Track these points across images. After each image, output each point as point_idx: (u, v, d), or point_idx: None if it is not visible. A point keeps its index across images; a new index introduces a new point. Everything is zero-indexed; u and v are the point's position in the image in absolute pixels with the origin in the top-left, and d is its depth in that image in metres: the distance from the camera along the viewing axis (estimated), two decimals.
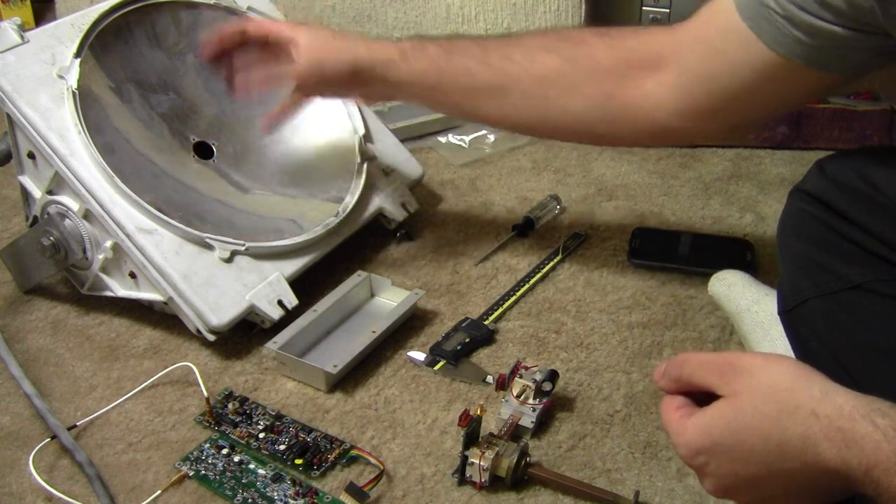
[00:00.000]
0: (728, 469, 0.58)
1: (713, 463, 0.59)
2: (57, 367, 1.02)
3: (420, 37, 1.03)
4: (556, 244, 1.22)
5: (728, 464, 0.58)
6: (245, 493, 0.84)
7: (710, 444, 0.58)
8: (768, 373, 0.57)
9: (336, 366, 0.95)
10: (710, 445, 0.58)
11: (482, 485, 0.83)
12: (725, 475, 0.58)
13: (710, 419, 0.59)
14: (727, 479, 0.59)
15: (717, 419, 0.58)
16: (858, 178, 0.78)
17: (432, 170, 1.41)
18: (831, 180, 0.80)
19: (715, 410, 0.59)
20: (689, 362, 0.62)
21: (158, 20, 1.13)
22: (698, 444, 0.59)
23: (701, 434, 0.59)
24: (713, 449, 0.58)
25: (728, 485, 0.59)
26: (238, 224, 1.07)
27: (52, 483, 0.84)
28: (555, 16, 1.60)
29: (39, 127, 1.00)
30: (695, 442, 0.59)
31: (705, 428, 0.59)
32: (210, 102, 1.17)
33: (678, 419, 0.61)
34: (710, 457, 0.58)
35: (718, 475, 0.59)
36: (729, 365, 0.60)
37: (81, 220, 1.02)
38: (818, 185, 0.81)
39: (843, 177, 0.79)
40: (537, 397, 0.90)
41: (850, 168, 0.79)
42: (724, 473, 0.58)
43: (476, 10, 1.61)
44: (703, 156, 1.45)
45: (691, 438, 0.59)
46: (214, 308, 0.99)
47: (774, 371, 0.57)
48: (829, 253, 0.78)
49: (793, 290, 0.82)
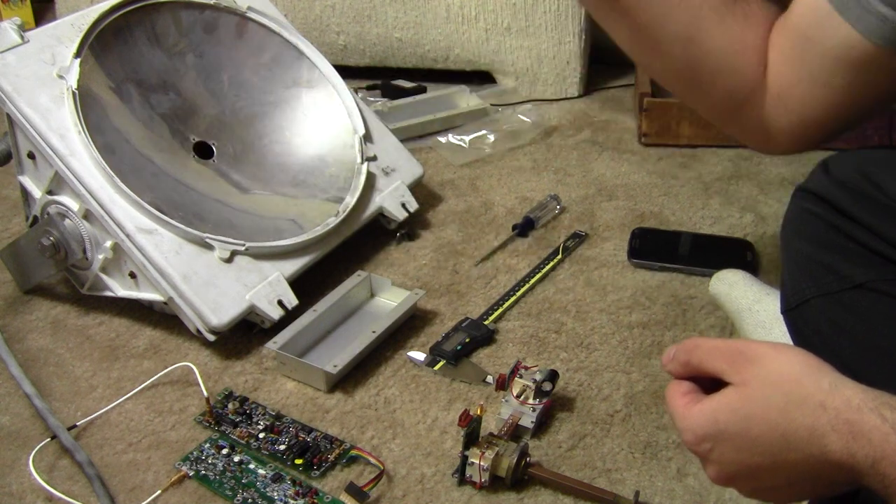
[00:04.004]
0: (732, 457, 0.58)
1: (717, 450, 0.58)
2: (57, 367, 1.02)
3: None
4: (556, 244, 1.22)
5: (732, 452, 0.57)
6: (245, 493, 0.84)
7: (716, 431, 0.58)
8: (778, 362, 0.57)
9: (336, 366, 0.95)
10: (715, 432, 0.58)
11: (482, 485, 0.83)
12: (729, 463, 0.58)
13: (717, 406, 0.58)
14: (730, 468, 0.58)
15: (724, 406, 0.58)
16: (862, 178, 0.78)
17: (432, 170, 1.41)
18: (835, 180, 0.80)
19: (722, 397, 0.58)
20: (700, 348, 0.61)
21: (158, 20, 1.13)
22: (703, 430, 0.58)
23: (707, 420, 0.58)
24: (718, 436, 0.58)
25: (731, 473, 0.59)
26: (238, 224, 1.07)
27: (52, 483, 0.84)
28: (555, 16, 1.60)
29: (39, 127, 1.00)
30: (700, 428, 0.58)
31: (711, 414, 0.58)
32: (210, 102, 1.17)
33: (684, 405, 0.60)
34: (714, 444, 0.58)
35: (722, 463, 0.58)
36: (739, 353, 0.59)
37: (81, 220, 1.02)
38: (822, 185, 0.81)
39: (846, 176, 0.79)
40: (537, 397, 0.90)
41: (854, 167, 0.79)
42: (728, 461, 0.58)
43: (476, 10, 1.61)
44: (704, 156, 1.45)
45: (696, 424, 0.59)
46: (214, 308, 0.99)
47: (784, 361, 0.57)
48: (832, 252, 0.78)
49: (795, 289, 0.82)
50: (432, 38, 1.66)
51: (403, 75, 1.69)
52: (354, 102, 1.23)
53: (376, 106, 1.52)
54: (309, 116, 1.22)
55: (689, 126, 1.47)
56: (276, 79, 1.22)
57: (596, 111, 1.63)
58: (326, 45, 1.68)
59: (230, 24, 1.20)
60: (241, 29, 1.21)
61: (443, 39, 1.66)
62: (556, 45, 1.63)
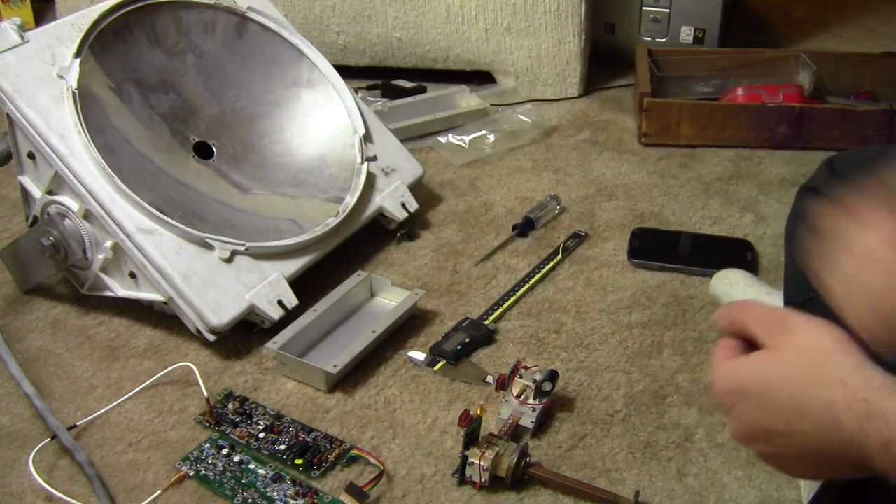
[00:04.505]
0: (751, 417, 0.60)
1: (739, 407, 0.60)
2: (57, 367, 1.02)
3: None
4: (556, 244, 1.22)
5: (752, 412, 0.59)
6: (245, 493, 0.84)
7: (739, 388, 0.60)
8: (812, 335, 0.59)
9: (336, 366, 0.95)
10: (738, 389, 0.60)
11: (482, 485, 0.83)
12: (747, 423, 0.60)
13: (745, 365, 0.60)
14: (747, 427, 0.60)
15: (751, 367, 0.60)
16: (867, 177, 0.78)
17: (432, 170, 1.41)
18: (840, 178, 0.80)
19: (752, 358, 0.60)
20: (746, 310, 0.64)
21: (158, 20, 1.13)
22: (728, 385, 0.61)
23: (733, 376, 0.61)
24: (741, 393, 0.60)
25: (748, 434, 0.61)
26: (238, 224, 1.07)
27: (52, 483, 0.84)
28: (555, 16, 1.60)
29: (39, 127, 1.00)
30: (726, 381, 0.61)
31: (738, 371, 0.60)
32: (210, 102, 1.17)
33: (721, 359, 0.63)
34: (737, 400, 0.60)
35: (741, 421, 0.61)
36: (778, 319, 0.61)
37: (81, 220, 1.02)
38: (826, 183, 0.81)
39: (851, 175, 0.79)
40: (537, 397, 0.90)
41: (859, 165, 0.79)
42: (747, 421, 0.60)
43: (476, 10, 1.61)
44: (704, 156, 1.45)
45: (723, 377, 0.61)
46: (214, 308, 0.99)
47: (817, 334, 0.58)
48: None
49: (799, 287, 0.82)
50: (432, 38, 1.66)
51: (403, 75, 1.69)
52: (354, 102, 1.23)
53: (376, 106, 1.52)
54: (309, 116, 1.22)
55: (689, 126, 1.47)
56: (276, 79, 1.22)
57: (596, 111, 1.63)
58: (326, 45, 1.68)
59: (230, 24, 1.20)
60: (241, 29, 1.21)
61: (443, 39, 1.66)
62: (556, 45, 1.63)
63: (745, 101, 1.49)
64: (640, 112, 1.48)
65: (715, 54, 1.67)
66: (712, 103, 1.50)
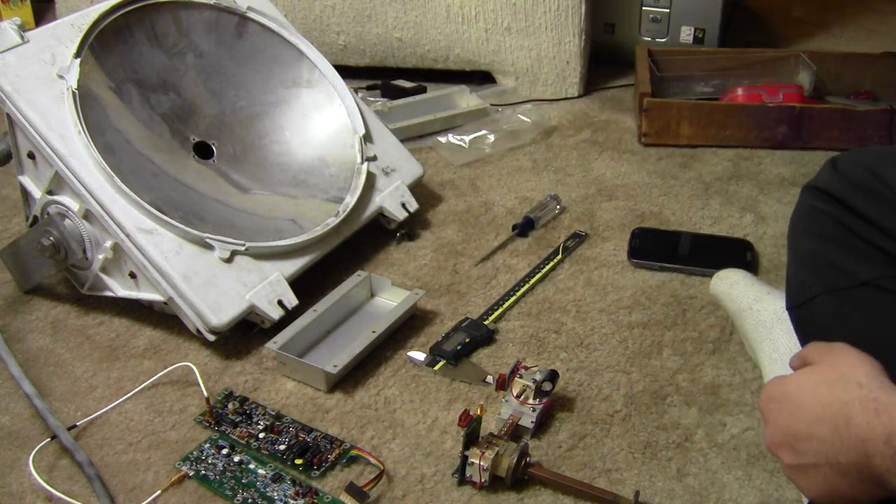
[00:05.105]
0: (783, 421, 0.62)
1: (775, 412, 0.63)
2: (57, 367, 1.02)
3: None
4: (556, 244, 1.22)
5: (784, 416, 0.62)
6: (245, 493, 0.84)
7: (778, 395, 0.63)
8: (850, 354, 0.62)
9: (336, 366, 0.95)
10: (777, 395, 0.63)
11: (482, 485, 0.83)
12: (778, 427, 0.63)
13: (790, 377, 0.64)
14: (778, 433, 0.63)
15: (794, 378, 0.63)
16: (871, 176, 0.78)
17: (432, 170, 1.41)
18: (844, 177, 0.80)
19: (797, 372, 0.64)
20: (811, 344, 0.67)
21: (158, 20, 1.13)
22: (771, 391, 0.64)
23: (778, 385, 0.64)
24: (779, 399, 0.63)
25: (779, 440, 0.63)
26: (238, 224, 1.07)
27: (52, 483, 0.84)
28: (555, 16, 1.60)
29: (39, 127, 1.00)
30: (771, 388, 0.64)
31: (783, 382, 0.64)
32: (210, 102, 1.17)
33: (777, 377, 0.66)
34: (775, 405, 0.63)
35: (776, 426, 0.63)
36: (828, 345, 0.65)
37: (81, 220, 1.02)
38: (830, 182, 0.81)
39: (855, 174, 0.79)
40: (537, 397, 0.90)
41: (863, 165, 0.79)
42: (780, 425, 0.63)
43: (476, 10, 1.61)
44: (703, 156, 1.45)
45: (770, 386, 0.65)
46: (214, 308, 0.99)
47: (854, 354, 0.62)
48: (839, 250, 0.79)
49: (801, 286, 0.82)
50: (432, 38, 1.66)
51: (403, 75, 1.69)
52: (354, 102, 1.23)
53: (376, 106, 1.52)
54: (309, 116, 1.22)
55: (689, 126, 1.47)
56: (276, 79, 1.22)
57: (596, 111, 1.63)
58: (326, 45, 1.68)
59: (230, 23, 1.20)
60: (241, 29, 1.21)
61: (443, 39, 1.66)
62: (556, 45, 1.63)
63: (745, 101, 1.49)
64: (640, 112, 1.48)
65: (715, 54, 1.67)
66: (712, 103, 1.50)
